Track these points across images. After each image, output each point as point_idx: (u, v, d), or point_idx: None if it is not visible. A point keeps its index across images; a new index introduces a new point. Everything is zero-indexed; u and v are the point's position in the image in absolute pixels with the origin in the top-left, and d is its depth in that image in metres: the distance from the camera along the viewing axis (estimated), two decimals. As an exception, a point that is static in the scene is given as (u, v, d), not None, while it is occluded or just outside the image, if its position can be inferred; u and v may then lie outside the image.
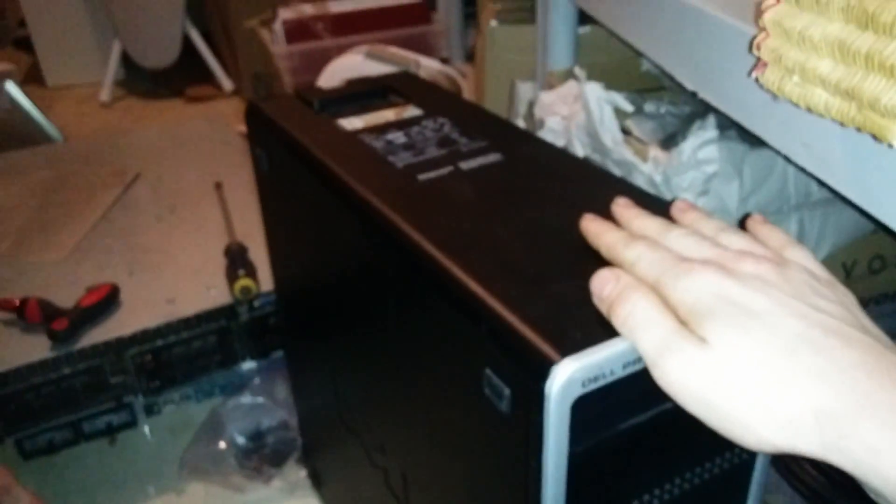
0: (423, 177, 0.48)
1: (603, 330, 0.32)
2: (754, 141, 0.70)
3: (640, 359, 0.32)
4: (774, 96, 0.37)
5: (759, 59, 0.37)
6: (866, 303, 0.76)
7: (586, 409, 0.32)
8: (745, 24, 0.45)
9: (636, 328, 0.30)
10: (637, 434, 0.35)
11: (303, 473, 0.83)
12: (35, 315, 0.85)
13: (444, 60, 1.88)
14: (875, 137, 0.29)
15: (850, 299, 0.32)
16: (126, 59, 2.19)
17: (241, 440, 0.83)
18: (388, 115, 0.59)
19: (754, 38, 0.37)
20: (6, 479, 0.68)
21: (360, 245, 0.48)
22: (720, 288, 0.29)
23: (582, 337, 0.32)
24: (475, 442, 0.39)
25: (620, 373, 0.32)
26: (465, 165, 0.49)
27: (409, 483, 0.51)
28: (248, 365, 0.94)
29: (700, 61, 0.53)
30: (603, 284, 0.32)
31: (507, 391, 0.34)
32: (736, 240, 0.34)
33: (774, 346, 0.27)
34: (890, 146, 0.28)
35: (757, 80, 0.37)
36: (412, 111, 0.59)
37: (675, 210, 0.39)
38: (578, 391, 0.31)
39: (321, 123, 0.58)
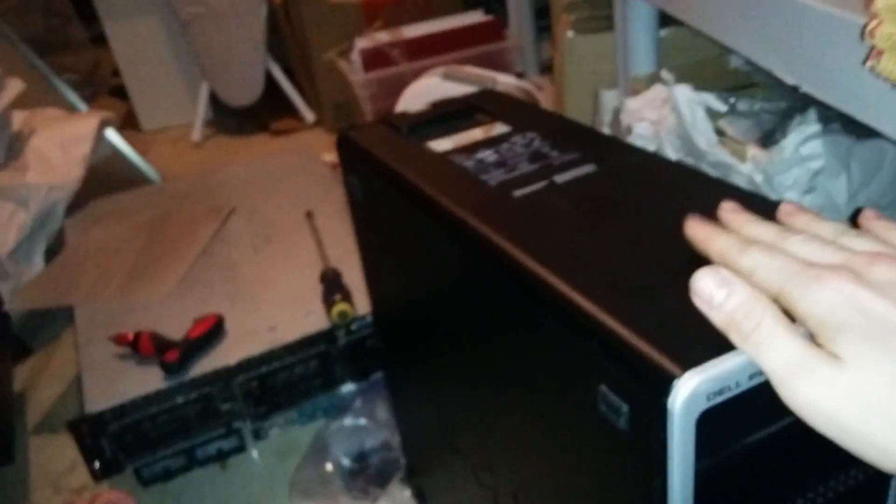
0: (518, 193, 0.47)
1: (724, 341, 0.31)
2: (860, 133, 0.67)
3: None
4: (893, 85, 0.35)
5: (872, 47, 0.35)
6: None
7: (711, 423, 0.31)
8: (851, 12, 0.43)
9: (762, 346, 0.29)
10: (765, 447, 0.33)
11: (407, 493, 0.83)
12: (148, 348, 0.89)
13: (520, 75, 1.88)
14: None
15: None
16: (214, 100, 2.29)
17: (346, 462, 0.85)
18: (476, 133, 0.59)
19: (865, 26, 0.35)
20: None
21: (460, 265, 0.48)
22: (854, 298, 0.27)
23: (703, 349, 0.31)
24: (592, 460, 0.38)
25: (746, 384, 0.31)
26: (560, 179, 0.48)
27: (520, 503, 0.50)
28: (349, 387, 0.96)
29: (802, 54, 0.51)
30: (712, 290, 0.31)
31: (625, 407, 0.33)
32: (860, 242, 0.32)
33: None
34: None
35: (872, 69, 0.35)
36: (500, 128, 0.59)
37: (784, 214, 0.36)
38: (703, 405, 0.30)
39: (411, 147, 0.59)
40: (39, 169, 1.32)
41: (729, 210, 0.37)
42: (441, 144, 0.58)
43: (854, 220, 0.35)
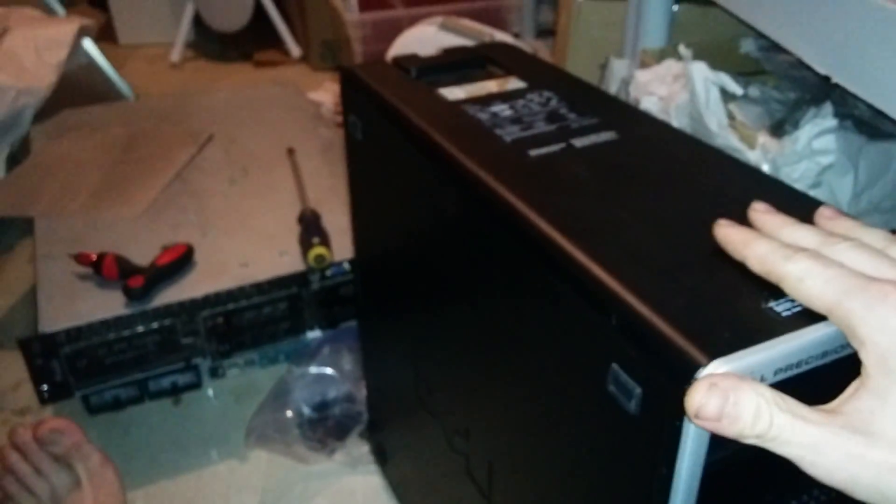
0: (534, 153, 0.45)
1: (753, 330, 0.29)
2: (871, 132, 0.65)
3: (794, 365, 0.29)
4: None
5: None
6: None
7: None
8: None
9: (774, 437, 0.26)
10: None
11: (365, 448, 0.82)
12: (111, 271, 0.85)
13: (516, 35, 1.84)
14: None
15: None
16: (197, 21, 2.20)
17: (306, 410, 0.83)
18: (489, 86, 0.56)
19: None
20: (76, 435, 0.68)
21: (464, 221, 0.46)
22: None
23: (730, 337, 0.29)
24: (592, 441, 0.36)
25: (771, 379, 0.29)
26: (578, 143, 0.46)
27: (495, 473, 0.49)
28: (315, 334, 0.94)
29: (837, 43, 0.49)
30: (715, 409, 0.26)
31: (637, 390, 0.31)
32: None
33: None
34: None
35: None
36: (515, 83, 0.56)
37: (823, 218, 0.33)
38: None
39: (421, 92, 0.55)
40: (10, 70, 1.25)
41: (763, 211, 0.34)
42: (453, 93, 0.55)
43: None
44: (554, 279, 0.37)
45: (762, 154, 0.64)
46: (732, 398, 0.26)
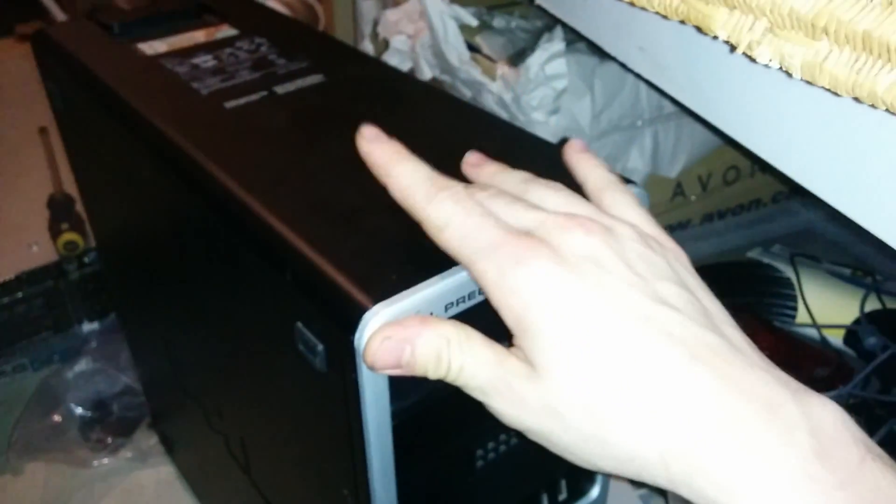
0: (230, 104, 0.41)
1: (421, 268, 0.28)
2: (605, 53, 0.67)
3: (464, 298, 0.29)
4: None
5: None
6: (723, 214, 0.77)
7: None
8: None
9: (457, 375, 0.26)
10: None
11: (154, 440, 0.77)
12: None
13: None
14: (699, 30, 0.26)
15: (682, 261, 0.28)
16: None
17: (79, 410, 0.76)
18: (197, 36, 0.52)
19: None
20: None
21: (163, 187, 0.42)
22: (553, 289, 0.24)
23: (397, 279, 0.28)
24: (296, 403, 0.35)
25: (443, 314, 0.28)
26: (281, 89, 0.43)
27: (248, 449, 0.46)
28: (89, 327, 0.86)
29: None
30: (395, 361, 0.26)
31: (320, 347, 0.29)
32: (550, 195, 0.28)
33: (611, 374, 0.23)
34: (715, 38, 0.25)
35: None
36: (226, 31, 0.52)
37: (468, 166, 0.32)
38: (396, 342, 0.27)
39: (117, 49, 0.50)
40: None
41: (387, 152, 0.29)
42: (154, 47, 0.50)
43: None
44: (237, 239, 0.34)
45: (503, 84, 0.64)
46: (409, 348, 0.25)
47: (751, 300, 0.62)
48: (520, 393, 0.25)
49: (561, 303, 0.24)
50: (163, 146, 0.39)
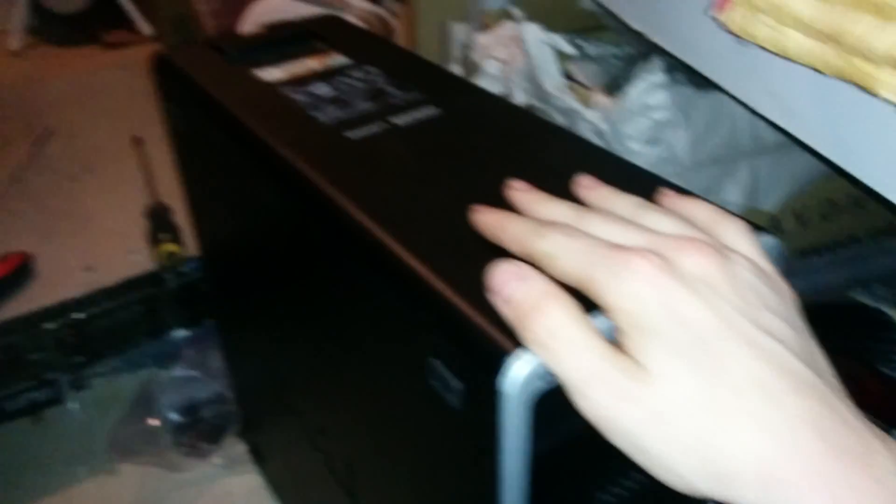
0: (351, 134, 0.43)
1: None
2: (703, 84, 0.67)
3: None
4: (739, 39, 0.34)
5: (721, -3, 0.33)
6: (819, 250, 0.75)
7: (550, 404, 0.28)
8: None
9: (555, 349, 0.25)
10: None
11: (242, 448, 0.79)
12: (-64, 292, 0.77)
13: (376, 1, 1.79)
14: (860, 87, 0.26)
15: (792, 303, 0.28)
16: (36, 5, 2.03)
17: (174, 416, 0.78)
18: (311, 64, 0.53)
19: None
20: None
21: (285, 211, 0.43)
22: (667, 296, 0.24)
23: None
24: (424, 436, 0.35)
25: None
26: (399, 121, 0.44)
27: (354, 470, 0.47)
28: (181, 333, 0.89)
29: (650, -1, 0.49)
30: (505, 283, 0.27)
31: (457, 385, 0.30)
32: (663, 220, 0.29)
33: (721, 386, 0.23)
34: (875, 97, 0.25)
35: (717, 20, 0.33)
36: (338, 59, 0.54)
37: (580, 187, 0.33)
38: (542, 387, 0.27)
39: (237, 75, 0.52)
40: None
41: (518, 189, 0.33)
42: (271, 73, 0.52)
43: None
44: (370, 270, 0.35)
45: (599, 113, 0.64)
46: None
47: (855, 344, 0.60)
48: (624, 391, 0.24)
49: (678, 311, 0.24)
50: (289, 175, 0.41)
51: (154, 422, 0.78)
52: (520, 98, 0.72)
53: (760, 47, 0.33)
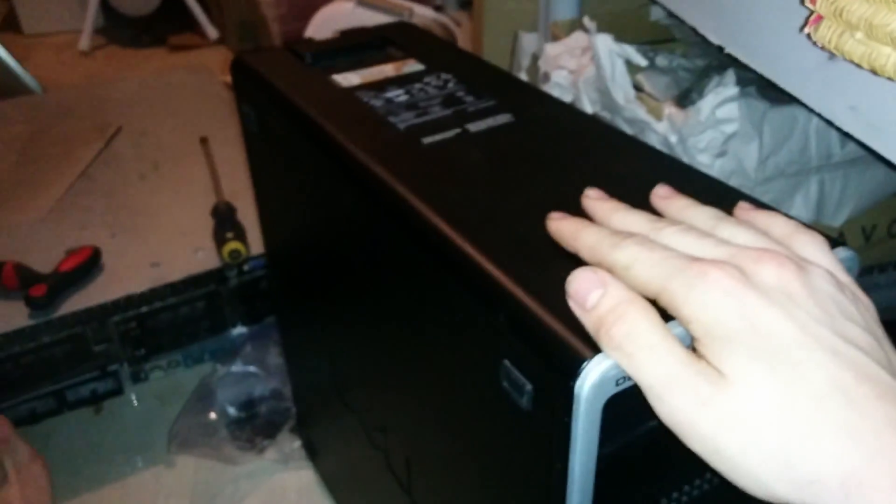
0: (428, 140, 0.43)
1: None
2: (774, 97, 0.66)
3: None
4: (825, 53, 0.33)
5: (811, 12, 0.33)
6: (885, 268, 0.73)
7: (618, 407, 0.28)
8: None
9: (636, 355, 0.26)
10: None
11: (297, 444, 0.80)
12: (11, 281, 0.80)
13: (438, 8, 1.81)
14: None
15: (871, 313, 0.27)
16: (106, 7, 2.10)
17: (232, 410, 0.80)
18: (386, 69, 0.54)
19: (808, -12, 0.32)
20: (4, 429, 0.66)
21: (360, 214, 0.44)
22: (744, 305, 0.25)
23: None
24: (490, 436, 0.36)
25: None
26: (474, 127, 0.45)
27: (413, 469, 0.48)
28: (239, 330, 0.91)
29: (728, 13, 0.49)
30: (586, 291, 0.27)
31: (528, 386, 0.30)
32: (740, 232, 0.29)
33: (802, 391, 0.23)
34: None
35: (810, 36, 0.33)
36: (413, 66, 0.55)
37: (657, 198, 0.33)
38: (612, 390, 0.28)
39: (314, 79, 0.53)
40: None
41: (594, 198, 0.33)
42: (347, 78, 0.53)
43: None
44: (445, 273, 0.35)
45: (669, 125, 0.63)
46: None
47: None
48: (705, 396, 0.24)
49: (757, 321, 0.24)
50: (366, 178, 0.41)
51: (212, 416, 0.79)
52: (587, 107, 0.72)
53: (850, 62, 0.32)
